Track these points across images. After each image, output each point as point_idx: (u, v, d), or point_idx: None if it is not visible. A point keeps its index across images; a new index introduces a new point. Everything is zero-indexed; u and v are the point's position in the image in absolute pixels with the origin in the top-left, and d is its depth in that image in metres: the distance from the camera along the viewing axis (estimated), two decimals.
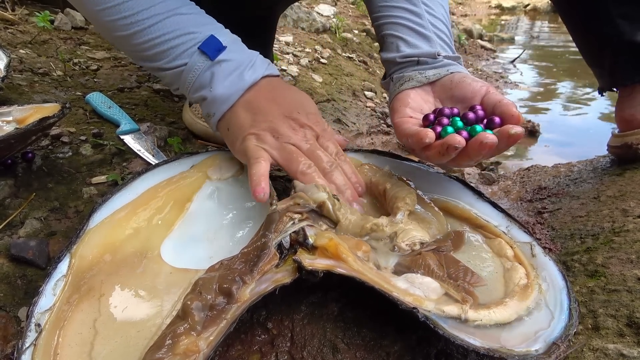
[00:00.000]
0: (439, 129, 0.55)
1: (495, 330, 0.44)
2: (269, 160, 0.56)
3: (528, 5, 6.13)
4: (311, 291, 0.51)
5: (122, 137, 0.78)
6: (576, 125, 1.91)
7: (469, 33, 3.51)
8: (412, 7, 0.67)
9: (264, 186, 0.52)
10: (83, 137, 0.78)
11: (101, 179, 0.69)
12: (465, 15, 5.20)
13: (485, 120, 0.55)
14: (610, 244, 0.61)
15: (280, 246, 0.49)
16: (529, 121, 1.81)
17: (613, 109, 0.95)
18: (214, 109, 0.58)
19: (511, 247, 0.54)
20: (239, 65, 0.57)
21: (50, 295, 0.44)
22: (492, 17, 5.78)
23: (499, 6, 6.28)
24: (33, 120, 0.63)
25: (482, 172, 1.15)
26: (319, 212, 0.54)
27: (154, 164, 0.73)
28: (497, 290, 0.49)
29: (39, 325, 0.40)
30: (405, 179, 0.62)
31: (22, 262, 0.55)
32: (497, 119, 0.54)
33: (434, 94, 0.64)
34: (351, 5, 2.83)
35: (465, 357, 0.46)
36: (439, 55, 0.64)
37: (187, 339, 0.39)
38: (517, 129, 0.51)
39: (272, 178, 0.72)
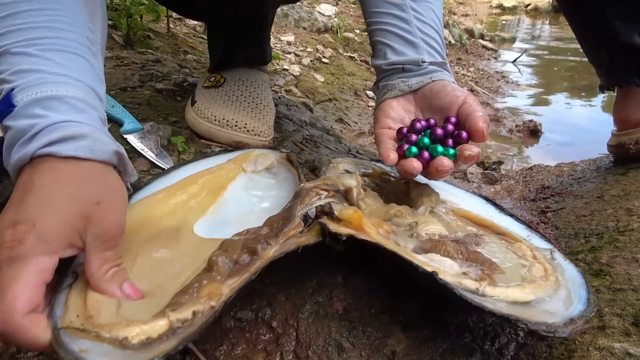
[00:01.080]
0: (406, 146, 0.57)
1: (512, 306, 0.44)
2: None
3: (529, 5, 6.14)
4: (316, 290, 0.51)
5: (125, 136, 0.78)
6: (578, 124, 1.91)
7: (470, 33, 3.51)
8: (400, 13, 0.66)
9: None
10: None
11: None
12: (467, 15, 5.20)
13: (455, 134, 0.57)
14: (615, 243, 0.61)
15: (305, 217, 0.50)
16: (531, 121, 1.81)
17: None
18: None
19: (531, 250, 0.54)
20: (18, 135, 0.42)
21: None
22: (493, 17, 5.78)
23: (500, 6, 6.28)
24: None
25: (485, 171, 1.15)
26: (344, 196, 0.56)
27: (157, 163, 0.73)
28: (515, 282, 0.49)
29: (75, 272, 0.43)
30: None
31: None
32: (464, 134, 0.55)
33: (416, 103, 0.64)
34: (352, 5, 2.84)
35: (471, 355, 0.46)
36: (423, 62, 0.64)
37: (211, 285, 0.41)
38: (472, 151, 0.53)
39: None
